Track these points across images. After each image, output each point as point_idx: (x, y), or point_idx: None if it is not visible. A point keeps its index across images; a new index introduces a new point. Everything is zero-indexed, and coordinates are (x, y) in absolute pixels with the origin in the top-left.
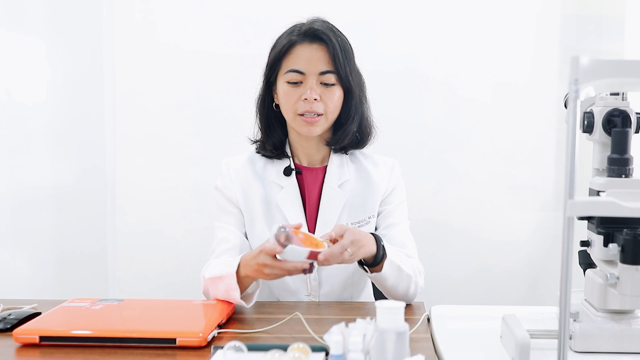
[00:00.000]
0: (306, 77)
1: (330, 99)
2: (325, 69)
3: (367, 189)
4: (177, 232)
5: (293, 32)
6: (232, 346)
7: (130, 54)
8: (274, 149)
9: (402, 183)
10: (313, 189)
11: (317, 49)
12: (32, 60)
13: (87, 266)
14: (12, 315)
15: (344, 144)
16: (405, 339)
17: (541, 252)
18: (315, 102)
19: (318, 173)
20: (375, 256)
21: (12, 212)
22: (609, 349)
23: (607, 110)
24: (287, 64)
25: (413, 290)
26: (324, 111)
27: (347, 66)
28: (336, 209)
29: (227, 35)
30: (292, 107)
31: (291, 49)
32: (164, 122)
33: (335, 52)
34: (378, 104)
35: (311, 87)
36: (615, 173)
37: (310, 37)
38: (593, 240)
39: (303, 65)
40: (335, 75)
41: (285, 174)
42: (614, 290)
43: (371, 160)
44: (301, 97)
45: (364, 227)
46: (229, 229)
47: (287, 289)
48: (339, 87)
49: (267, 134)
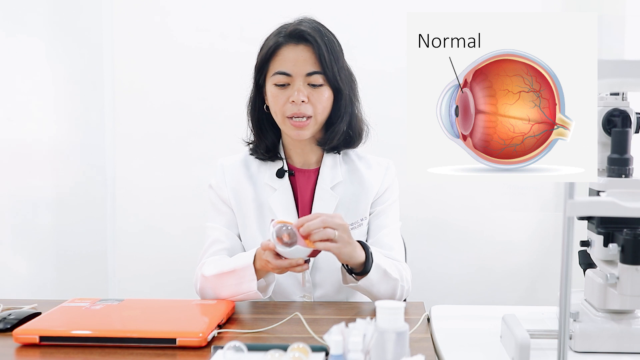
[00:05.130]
0: (293, 79)
1: (319, 100)
2: (312, 69)
3: (359, 191)
4: (178, 232)
5: (280, 34)
6: (232, 346)
7: (130, 54)
8: (267, 152)
9: (396, 184)
10: (306, 191)
11: (303, 50)
12: (32, 60)
13: (87, 266)
14: (12, 315)
15: (335, 143)
16: (405, 339)
17: (541, 252)
18: (303, 104)
19: (311, 175)
20: (364, 264)
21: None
22: (609, 349)
23: (607, 110)
24: (274, 66)
25: (399, 295)
26: (313, 113)
27: (335, 66)
28: (328, 211)
29: (228, 34)
30: (281, 109)
31: (277, 50)
32: (164, 122)
33: (321, 53)
34: (377, 103)
35: (298, 88)
36: (615, 173)
37: (296, 38)
38: (593, 240)
39: (289, 67)
40: (323, 75)
41: (278, 176)
42: (614, 290)
43: (365, 161)
44: (289, 100)
45: (356, 229)
46: (222, 230)
47: (282, 293)
48: (328, 87)
49: (259, 137)
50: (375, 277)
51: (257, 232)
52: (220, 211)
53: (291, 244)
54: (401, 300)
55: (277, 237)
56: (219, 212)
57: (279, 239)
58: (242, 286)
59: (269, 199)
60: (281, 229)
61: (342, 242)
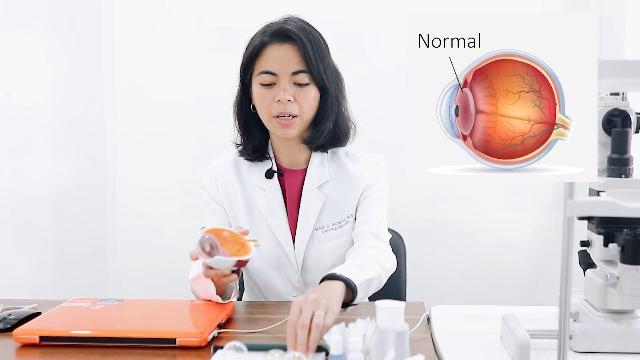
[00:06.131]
0: (279, 78)
1: (305, 99)
2: (298, 68)
3: (347, 188)
4: (178, 232)
5: (265, 33)
6: (232, 346)
7: (130, 54)
8: (253, 152)
9: (384, 178)
10: (294, 191)
11: (288, 49)
12: (32, 60)
13: (87, 266)
14: (12, 315)
15: (321, 142)
16: (405, 339)
17: (541, 252)
18: (289, 104)
19: (299, 175)
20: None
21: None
22: (609, 349)
23: (607, 110)
24: (259, 65)
25: (384, 279)
26: (299, 112)
27: (321, 64)
28: (315, 210)
29: (228, 35)
30: (267, 109)
31: (262, 49)
32: (164, 122)
33: (306, 51)
34: (377, 102)
35: (284, 88)
36: (615, 173)
37: (281, 37)
38: (593, 240)
39: (275, 66)
40: (309, 74)
41: (267, 176)
42: (614, 290)
43: (353, 159)
44: (275, 99)
45: (343, 226)
46: None
47: (275, 293)
48: (314, 86)
49: (246, 137)
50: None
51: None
52: (214, 211)
53: (211, 254)
54: None
55: (199, 247)
56: (213, 213)
57: (201, 249)
58: (207, 290)
59: (258, 200)
60: (203, 239)
61: (329, 314)
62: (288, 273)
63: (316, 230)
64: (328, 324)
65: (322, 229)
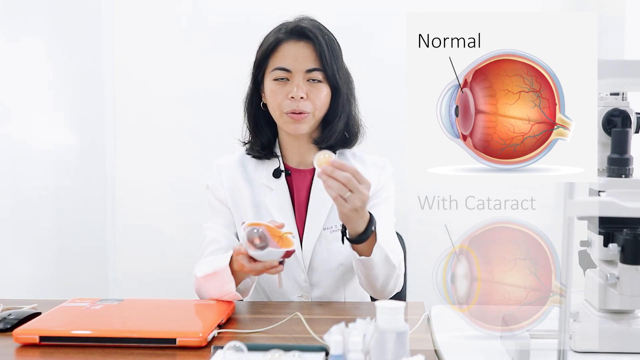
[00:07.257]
0: (293, 75)
1: (317, 96)
2: (312, 66)
3: None
4: (178, 231)
5: (280, 30)
6: (232, 346)
7: (130, 54)
8: (262, 149)
9: (391, 182)
10: (302, 191)
11: (303, 46)
12: (32, 60)
13: (87, 266)
14: (12, 315)
15: (331, 142)
16: (405, 339)
17: None
18: (302, 100)
19: (307, 175)
20: (365, 230)
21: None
22: (609, 349)
23: (607, 110)
24: (274, 61)
25: (393, 284)
26: (311, 109)
27: (334, 64)
28: (324, 210)
29: (228, 34)
30: (279, 105)
31: (278, 46)
32: (164, 122)
33: (322, 50)
34: (378, 101)
35: (298, 84)
36: (615, 173)
37: (297, 35)
38: (593, 240)
39: (290, 63)
40: (322, 72)
41: (275, 176)
42: (614, 290)
43: (361, 161)
44: (288, 95)
45: None
46: (219, 230)
47: (280, 292)
48: (326, 84)
49: (255, 134)
50: (377, 257)
51: None
52: (218, 211)
53: (263, 247)
54: (393, 292)
55: (248, 241)
56: (217, 212)
57: (250, 243)
58: (224, 288)
59: (265, 199)
60: (252, 232)
61: (350, 204)
62: (294, 272)
63: (324, 230)
64: None
65: (330, 229)
